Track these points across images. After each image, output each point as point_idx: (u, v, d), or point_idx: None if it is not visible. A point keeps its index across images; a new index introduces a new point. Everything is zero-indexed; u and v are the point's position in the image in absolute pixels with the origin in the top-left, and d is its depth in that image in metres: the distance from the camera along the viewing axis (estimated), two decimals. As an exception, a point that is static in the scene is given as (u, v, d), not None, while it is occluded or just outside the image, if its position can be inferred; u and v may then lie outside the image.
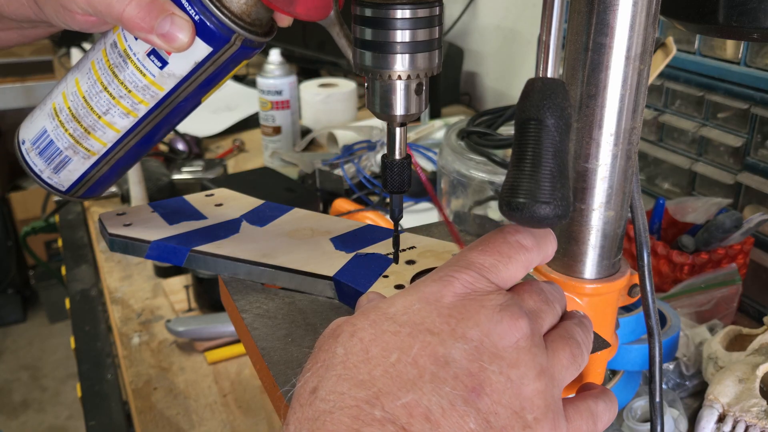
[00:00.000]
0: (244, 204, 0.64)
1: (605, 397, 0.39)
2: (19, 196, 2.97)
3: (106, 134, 0.51)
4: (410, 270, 0.53)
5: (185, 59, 0.48)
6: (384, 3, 0.43)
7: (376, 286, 0.50)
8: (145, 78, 0.48)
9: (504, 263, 0.36)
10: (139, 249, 0.57)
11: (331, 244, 0.57)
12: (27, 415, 2.56)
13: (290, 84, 1.43)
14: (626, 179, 0.47)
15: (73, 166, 0.53)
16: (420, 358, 0.32)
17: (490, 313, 0.33)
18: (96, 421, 0.90)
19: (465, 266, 0.35)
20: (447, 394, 0.31)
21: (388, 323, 0.33)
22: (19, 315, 3.04)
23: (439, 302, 0.34)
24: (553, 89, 0.36)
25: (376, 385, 0.31)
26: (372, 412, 0.30)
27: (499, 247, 0.36)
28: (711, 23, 0.47)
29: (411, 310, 0.34)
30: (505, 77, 1.76)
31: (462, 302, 0.34)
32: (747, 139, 0.94)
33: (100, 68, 0.50)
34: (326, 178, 1.26)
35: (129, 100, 0.49)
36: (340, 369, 0.32)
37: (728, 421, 0.68)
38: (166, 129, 0.53)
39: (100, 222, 0.60)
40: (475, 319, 0.33)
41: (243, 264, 0.54)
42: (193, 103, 0.52)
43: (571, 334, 0.37)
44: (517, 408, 0.32)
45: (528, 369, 0.33)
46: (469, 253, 0.36)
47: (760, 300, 0.94)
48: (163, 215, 0.60)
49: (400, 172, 0.49)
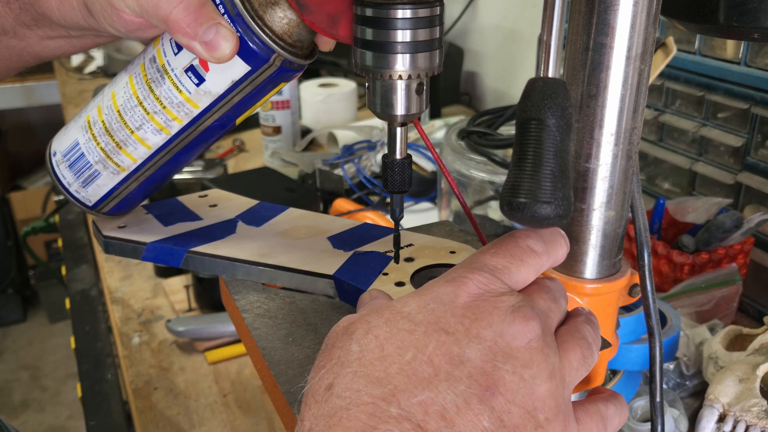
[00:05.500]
0: (239, 204, 0.64)
1: (615, 401, 0.40)
2: (19, 196, 2.97)
3: (137, 150, 0.51)
4: (410, 267, 0.53)
5: (222, 76, 0.47)
6: (385, 3, 0.43)
7: (377, 284, 0.50)
8: (180, 94, 0.48)
9: (516, 266, 0.36)
10: (134, 251, 0.57)
11: (329, 243, 0.57)
12: (27, 415, 2.56)
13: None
14: (627, 179, 0.47)
15: (102, 181, 0.53)
16: (435, 356, 0.32)
17: (503, 314, 0.34)
18: (96, 421, 0.90)
19: (478, 268, 0.36)
20: (462, 392, 0.31)
21: (404, 321, 0.34)
22: (20, 315, 3.04)
23: (453, 302, 0.34)
24: (554, 89, 0.36)
25: (392, 382, 0.32)
26: (388, 409, 0.31)
27: (511, 251, 0.37)
28: (711, 23, 0.47)
29: (426, 309, 0.34)
30: (505, 77, 1.76)
31: (476, 303, 0.34)
32: (747, 139, 0.94)
33: (137, 83, 0.49)
34: (326, 178, 1.26)
35: (163, 117, 0.49)
36: (356, 366, 0.33)
37: (728, 420, 0.68)
38: (197, 150, 0.53)
39: (94, 224, 0.60)
40: (489, 320, 0.33)
41: (241, 264, 0.54)
42: (227, 125, 0.51)
43: (582, 334, 0.38)
44: (529, 408, 0.33)
45: (540, 369, 0.34)
46: (482, 256, 0.37)
47: (760, 300, 0.94)
48: (157, 217, 0.60)
49: (400, 172, 0.49)
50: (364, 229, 0.59)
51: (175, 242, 0.56)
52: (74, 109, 1.96)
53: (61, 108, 2.08)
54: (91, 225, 1.28)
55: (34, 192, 2.97)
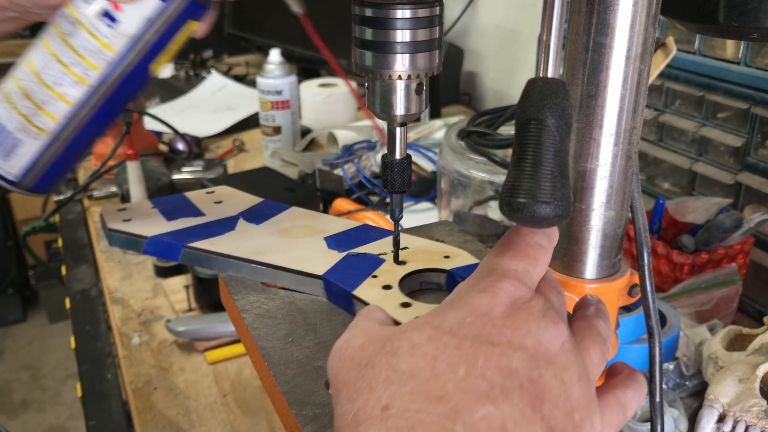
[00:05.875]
0: (243, 201, 0.64)
1: (633, 384, 0.40)
2: (19, 195, 2.96)
3: (57, 108, 0.51)
4: (400, 271, 0.52)
5: (136, 15, 0.48)
6: (384, 3, 0.43)
7: (364, 286, 0.50)
8: (96, 40, 0.49)
9: (533, 266, 0.37)
10: (136, 244, 0.57)
11: (325, 243, 0.57)
12: (27, 415, 2.56)
13: (290, 84, 1.43)
14: (626, 179, 0.47)
15: (24, 149, 0.52)
16: (487, 370, 0.32)
17: (537, 320, 0.34)
18: (96, 420, 0.90)
19: (503, 275, 0.36)
20: (517, 403, 0.32)
21: (448, 337, 0.33)
22: (19, 315, 3.04)
23: (490, 314, 0.34)
24: (554, 89, 0.36)
25: (452, 400, 0.31)
26: (453, 428, 0.31)
27: (526, 251, 0.37)
28: (711, 23, 0.47)
29: (466, 323, 0.34)
30: (505, 77, 1.76)
31: (511, 312, 0.34)
32: (747, 139, 0.94)
33: (52, 41, 0.50)
34: (326, 178, 1.26)
35: (81, 67, 0.50)
36: (411, 385, 0.32)
37: (728, 421, 0.68)
38: (118, 106, 0.53)
39: (101, 217, 0.60)
40: (527, 328, 0.34)
41: (234, 261, 0.54)
42: (143, 74, 0.51)
43: (598, 330, 0.38)
44: (569, 410, 0.33)
45: (575, 370, 0.34)
46: (501, 260, 0.37)
47: (760, 300, 0.94)
48: (162, 211, 0.61)
49: (400, 172, 0.49)
50: (362, 230, 0.59)
51: (174, 237, 0.56)
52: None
53: (61, 108, 2.08)
54: (96, 222, 1.28)
55: (34, 192, 2.97)
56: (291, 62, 1.72)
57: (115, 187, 1.37)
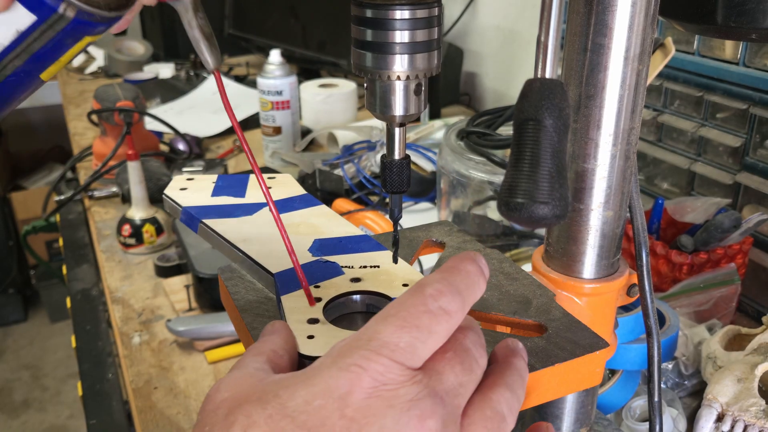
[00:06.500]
0: (287, 192, 0.64)
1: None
2: (20, 195, 2.97)
3: None
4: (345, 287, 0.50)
5: (6, 27, 0.44)
6: (383, 3, 0.43)
7: (298, 294, 0.49)
8: None
9: (422, 340, 0.31)
10: (175, 211, 0.59)
11: (312, 244, 0.57)
12: (28, 414, 2.57)
13: (290, 84, 1.43)
14: (625, 179, 0.47)
15: None
16: None
17: (397, 414, 0.30)
18: (97, 420, 0.90)
19: (377, 350, 0.31)
20: None
21: (285, 422, 0.30)
22: (20, 314, 3.04)
23: (343, 400, 0.30)
24: (552, 90, 0.36)
25: None
26: None
27: (418, 320, 0.32)
28: (710, 23, 0.47)
29: (313, 407, 0.30)
30: (504, 77, 1.76)
31: (368, 401, 0.30)
32: (746, 139, 0.94)
33: None
34: (326, 178, 1.26)
35: None
36: None
37: (727, 420, 0.68)
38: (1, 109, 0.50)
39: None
40: (381, 423, 0.30)
41: (224, 243, 0.55)
42: (29, 80, 0.48)
43: (495, 408, 0.33)
44: None
45: None
46: (384, 330, 0.31)
47: (758, 300, 0.95)
48: (216, 187, 0.62)
49: (399, 172, 0.49)
50: (356, 240, 0.58)
51: (199, 212, 0.57)
52: (75, 109, 1.97)
53: (62, 108, 2.08)
54: (97, 222, 1.28)
55: (35, 192, 2.97)
56: (291, 63, 1.73)
57: (116, 187, 1.37)
